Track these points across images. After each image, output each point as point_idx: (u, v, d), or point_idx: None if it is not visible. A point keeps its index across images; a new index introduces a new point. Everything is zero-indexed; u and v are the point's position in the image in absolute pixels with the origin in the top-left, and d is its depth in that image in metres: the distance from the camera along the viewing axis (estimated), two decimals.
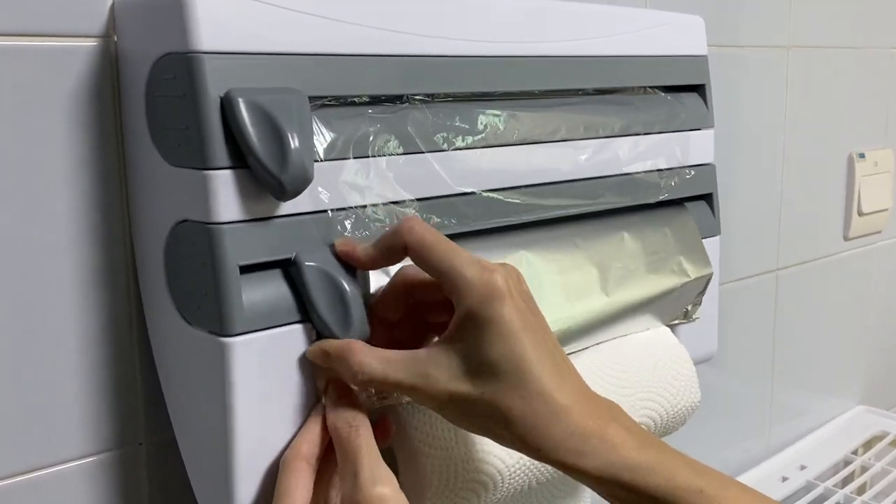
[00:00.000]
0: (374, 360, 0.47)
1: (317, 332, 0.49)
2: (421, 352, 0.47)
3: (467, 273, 0.47)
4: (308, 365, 0.49)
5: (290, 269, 0.49)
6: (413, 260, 0.49)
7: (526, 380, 0.46)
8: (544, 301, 0.55)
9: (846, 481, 1.05)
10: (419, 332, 0.53)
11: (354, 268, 0.50)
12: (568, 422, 0.46)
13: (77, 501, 0.53)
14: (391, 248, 0.49)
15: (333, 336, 0.48)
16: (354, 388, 0.49)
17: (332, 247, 0.49)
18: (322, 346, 0.48)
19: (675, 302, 0.68)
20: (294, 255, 0.48)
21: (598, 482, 0.46)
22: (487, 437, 0.48)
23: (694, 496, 0.44)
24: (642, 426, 0.61)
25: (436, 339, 0.49)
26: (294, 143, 0.45)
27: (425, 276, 0.49)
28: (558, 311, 0.58)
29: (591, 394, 0.48)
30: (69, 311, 0.51)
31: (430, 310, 0.51)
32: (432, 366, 0.47)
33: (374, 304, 0.51)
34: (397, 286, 0.51)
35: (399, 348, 0.48)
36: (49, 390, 0.51)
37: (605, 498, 0.47)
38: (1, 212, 0.48)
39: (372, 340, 0.49)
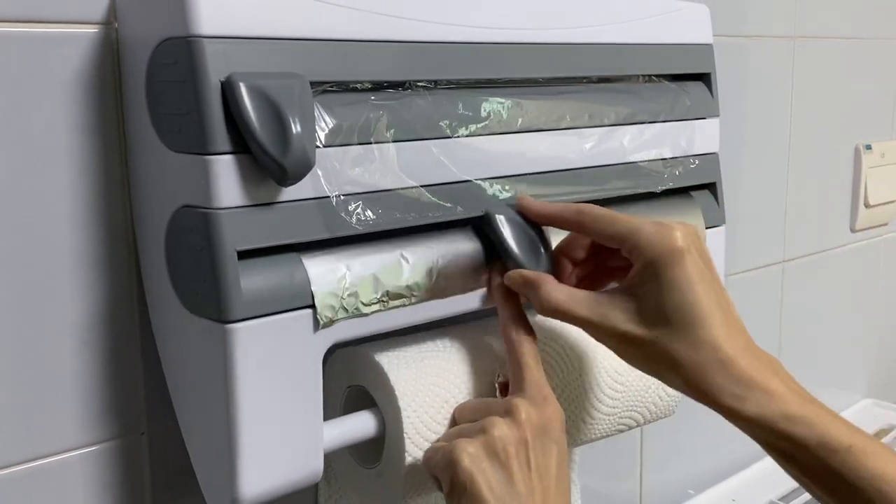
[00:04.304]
0: (562, 294, 0.53)
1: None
2: (603, 294, 0.53)
3: (645, 230, 0.51)
4: (310, 351, 0.49)
5: (479, 221, 0.56)
6: (589, 233, 0.55)
7: (697, 330, 0.50)
8: None
9: None
10: (599, 273, 0.58)
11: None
12: (732, 371, 0.49)
13: (79, 490, 0.53)
14: (563, 219, 0.55)
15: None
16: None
17: (511, 206, 0.57)
18: (521, 273, 0.54)
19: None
20: (485, 210, 0.55)
21: (755, 427, 0.49)
22: (656, 377, 0.52)
23: (843, 450, 0.48)
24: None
25: (613, 284, 0.56)
26: (296, 127, 0.45)
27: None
28: None
29: (755, 348, 0.51)
30: (70, 299, 0.51)
31: (610, 255, 0.56)
32: (611, 308, 0.51)
33: (562, 245, 0.58)
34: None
35: (580, 285, 0.55)
36: (50, 379, 0.51)
37: (758, 442, 0.50)
38: (1, 199, 0.48)
39: (557, 276, 0.55)
